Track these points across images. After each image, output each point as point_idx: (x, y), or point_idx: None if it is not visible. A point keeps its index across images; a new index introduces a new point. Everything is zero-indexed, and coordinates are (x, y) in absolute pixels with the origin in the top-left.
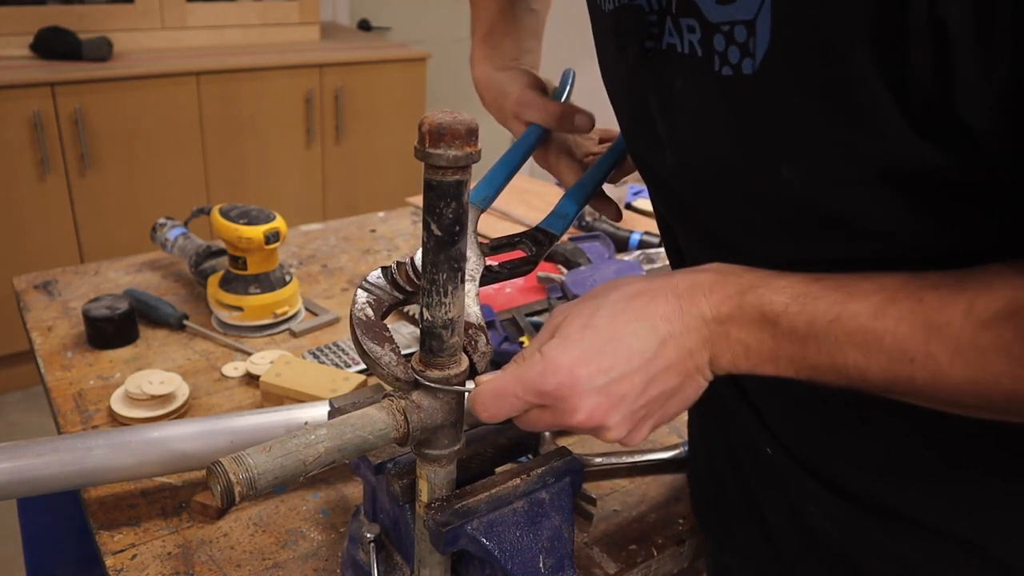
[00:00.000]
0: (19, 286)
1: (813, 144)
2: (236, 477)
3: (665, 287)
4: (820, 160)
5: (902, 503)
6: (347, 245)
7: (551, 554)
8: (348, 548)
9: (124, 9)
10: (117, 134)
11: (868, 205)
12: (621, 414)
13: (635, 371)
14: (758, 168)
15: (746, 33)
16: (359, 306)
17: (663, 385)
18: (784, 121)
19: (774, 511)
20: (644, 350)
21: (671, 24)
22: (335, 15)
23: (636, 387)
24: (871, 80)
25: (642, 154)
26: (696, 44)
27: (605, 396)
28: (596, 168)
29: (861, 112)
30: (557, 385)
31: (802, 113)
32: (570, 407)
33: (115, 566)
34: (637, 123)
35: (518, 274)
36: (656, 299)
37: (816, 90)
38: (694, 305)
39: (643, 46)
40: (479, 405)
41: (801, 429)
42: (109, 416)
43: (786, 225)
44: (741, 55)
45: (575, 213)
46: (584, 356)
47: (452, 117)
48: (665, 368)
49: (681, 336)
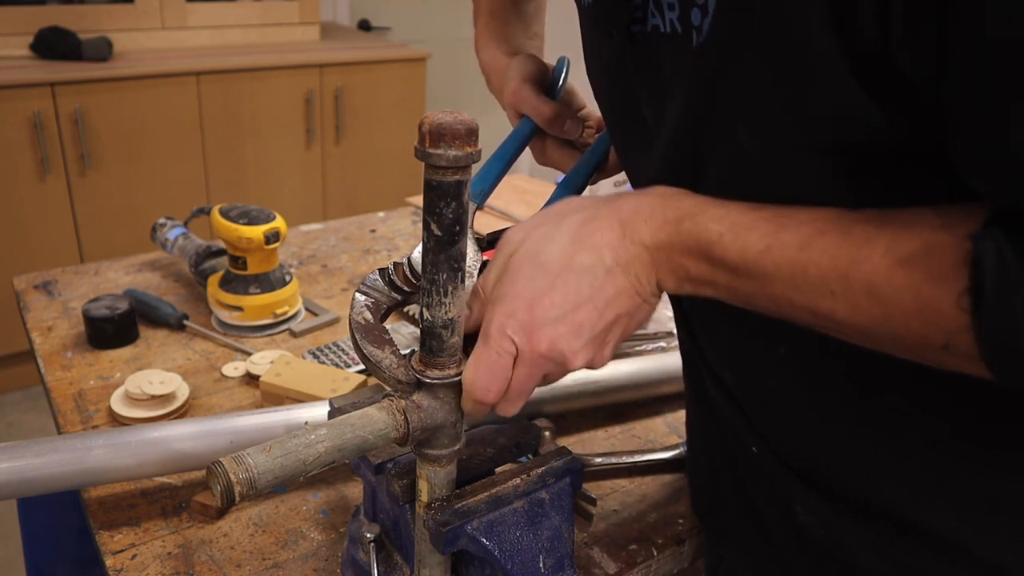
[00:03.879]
0: (19, 286)
1: (764, 104)
2: (236, 477)
3: (610, 213)
4: (772, 122)
5: (887, 502)
6: (347, 245)
7: (551, 554)
8: (348, 548)
9: (124, 9)
10: (117, 134)
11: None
12: (583, 340)
13: (588, 299)
14: (723, 139)
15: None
16: (357, 310)
17: (617, 309)
18: (738, 84)
19: (767, 507)
20: (593, 280)
21: (653, 5)
22: (335, 15)
23: (593, 314)
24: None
25: (626, 151)
26: (676, 22)
27: (564, 324)
28: (588, 158)
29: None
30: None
31: (753, 74)
32: (535, 341)
33: (115, 566)
34: (624, 117)
35: None
36: (601, 228)
37: (764, 46)
38: (635, 232)
39: (629, 30)
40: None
41: (784, 429)
42: (109, 416)
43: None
44: (702, 19)
45: None
46: (537, 292)
47: (452, 117)
48: (616, 294)
49: (627, 264)
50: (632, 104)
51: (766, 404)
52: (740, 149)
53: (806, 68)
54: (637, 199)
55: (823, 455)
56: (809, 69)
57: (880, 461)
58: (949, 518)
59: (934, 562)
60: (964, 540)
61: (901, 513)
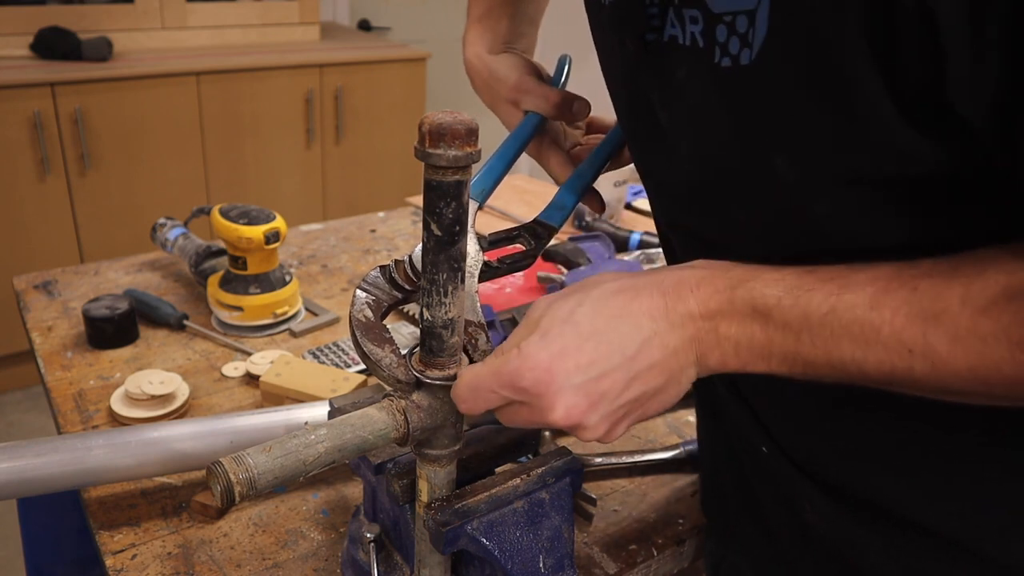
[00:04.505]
0: (19, 286)
1: (806, 135)
2: (236, 477)
3: (650, 283)
4: (813, 153)
5: (896, 503)
6: (347, 245)
7: (551, 554)
8: (348, 548)
9: (124, 9)
10: (117, 134)
11: (861, 206)
12: (600, 413)
13: (616, 368)
14: (753, 162)
15: (747, 23)
16: (358, 307)
17: (645, 385)
18: (779, 112)
19: (771, 506)
20: (626, 347)
21: (673, 15)
22: (335, 15)
23: (617, 385)
24: (864, 70)
25: (642, 154)
26: (698, 35)
27: (584, 394)
28: (592, 158)
29: (854, 103)
30: (534, 381)
31: (796, 104)
32: (547, 404)
33: (115, 566)
34: (637, 119)
35: (518, 268)
36: (640, 295)
37: (810, 80)
38: (680, 302)
39: (643, 38)
40: (457, 397)
41: (795, 429)
42: (109, 416)
43: (782, 229)
44: (740, 46)
45: (573, 204)
46: (563, 351)
47: (452, 117)
48: (648, 367)
49: (666, 334)
50: (646, 110)
51: (779, 410)
52: (773, 173)
53: (853, 105)
54: (680, 271)
55: (836, 458)
56: (856, 107)
57: (895, 466)
58: (959, 521)
59: (941, 562)
60: (973, 541)
61: (910, 514)
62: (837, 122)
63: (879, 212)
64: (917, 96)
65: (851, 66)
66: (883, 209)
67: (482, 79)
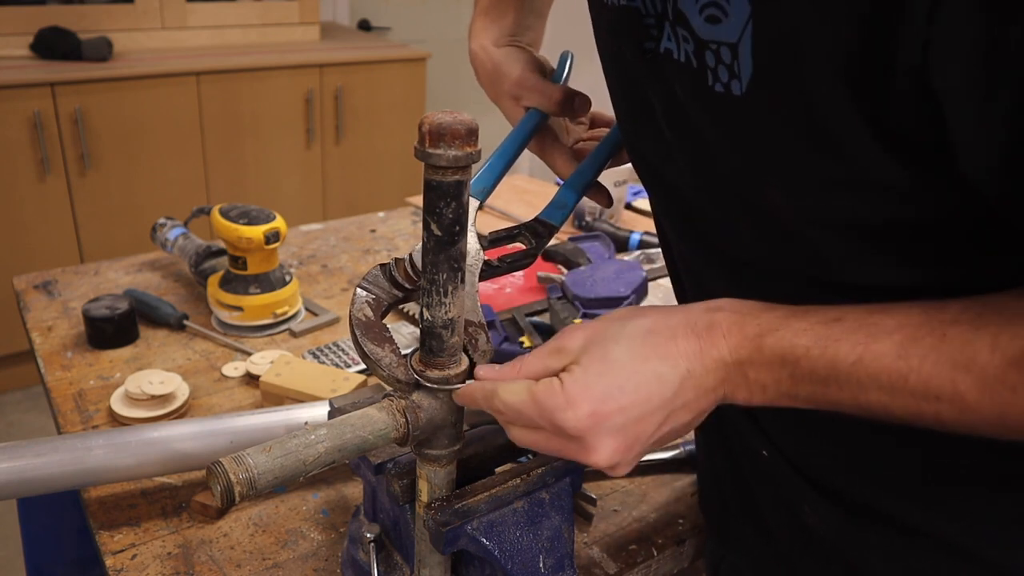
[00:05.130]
0: (19, 286)
1: (798, 173)
2: (236, 477)
3: (684, 325)
4: (806, 190)
5: (896, 509)
6: (347, 245)
7: (551, 554)
8: (348, 548)
9: (124, 9)
10: (117, 134)
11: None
12: (635, 453)
13: (654, 411)
14: (751, 190)
15: (731, 55)
16: (358, 305)
17: (676, 422)
18: (769, 146)
19: (771, 508)
20: (664, 390)
21: (669, 29)
22: (335, 15)
23: (652, 427)
24: (851, 121)
25: (643, 152)
26: (691, 55)
27: (623, 438)
28: (593, 157)
29: (843, 149)
30: (577, 423)
31: (786, 142)
32: (589, 447)
33: (115, 566)
34: (638, 120)
35: (519, 267)
36: (676, 337)
37: (798, 122)
38: (714, 347)
39: (641, 47)
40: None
41: (796, 436)
42: (109, 416)
43: (788, 254)
44: (729, 76)
45: (574, 203)
46: (606, 394)
47: (452, 117)
48: (682, 407)
49: (700, 376)
50: (648, 116)
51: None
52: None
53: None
54: (711, 315)
55: (836, 465)
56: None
57: (896, 473)
58: (959, 525)
59: (942, 566)
60: (974, 546)
61: (911, 519)
62: (827, 164)
63: (880, 255)
64: (911, 146)
65: (836, 117)
66: (884, 252)
67: (486, 72)
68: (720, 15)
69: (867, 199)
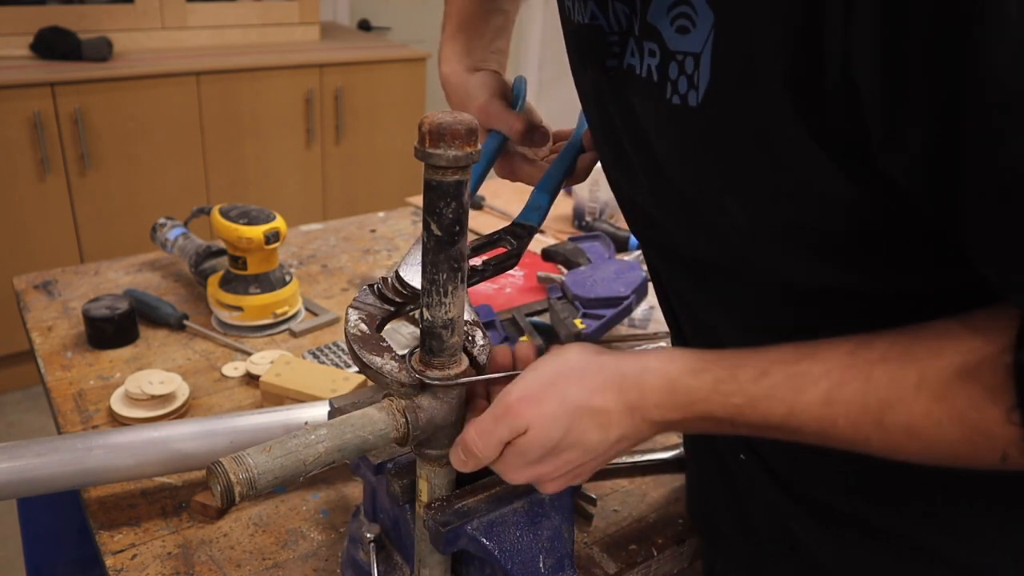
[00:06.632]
0: (19, 286)
1: (750, 182)
2: (236, 477)
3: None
4: (759, 199)
5: (866, 512)
6: (347, 245)
7: (551, 554)
8: (348, 548)
9: (124, 9)
10: (117, 134)
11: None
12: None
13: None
14: (707, 201)
15: (693, 65)
16: (352, 323)
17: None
18: (724, 156)
19: (755, 510)
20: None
21: (634, 45)
22: (335, 15)
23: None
24: (795, 129)
25: (610, 171)
26: (654, 69)
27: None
28: (560, 160)
29: (790, 158)
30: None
31: (739, 151)
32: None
33: (115, 566)
34: (604, 139)
35: (503, 269)
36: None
37: (746, 129)
38: (646, 414)
39: (603, 64)
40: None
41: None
42: (109, 416)
43: (746, 264)
44: (688, 86)
45: (548, 204)
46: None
47: (452, 117)
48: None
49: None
50: (611, 131)
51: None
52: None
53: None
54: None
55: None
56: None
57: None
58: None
59: (909, 564)
60: (944, 547)
61: (879, 522)
62: (776, 175)
63: (832, 265)
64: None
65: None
66: (836, 262)
67: (458, 97)
68: (689, 25)
69: (815, 209)
